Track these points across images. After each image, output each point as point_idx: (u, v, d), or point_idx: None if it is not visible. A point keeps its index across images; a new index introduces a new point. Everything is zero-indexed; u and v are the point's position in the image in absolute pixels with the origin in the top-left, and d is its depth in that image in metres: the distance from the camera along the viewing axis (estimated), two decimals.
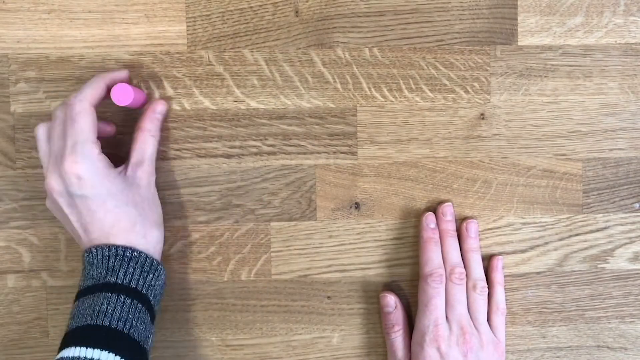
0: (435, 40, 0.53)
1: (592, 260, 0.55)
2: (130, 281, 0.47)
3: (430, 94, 0.54)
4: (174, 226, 0.53)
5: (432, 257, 0.52)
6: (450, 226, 0.53)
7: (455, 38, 0.53)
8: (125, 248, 0.47)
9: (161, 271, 0.49)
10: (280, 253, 0.54)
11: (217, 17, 0.53)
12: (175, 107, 0.53)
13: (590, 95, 0.54)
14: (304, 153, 0.53)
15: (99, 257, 0.47)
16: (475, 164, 0.54)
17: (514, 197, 0.54)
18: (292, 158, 0.53)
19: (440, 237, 0.53)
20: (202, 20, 0.53)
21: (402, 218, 0.54)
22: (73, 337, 0.45)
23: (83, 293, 0.47)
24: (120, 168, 0.49)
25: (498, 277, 0.53)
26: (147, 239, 0.49)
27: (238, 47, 0.53)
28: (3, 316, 0.53)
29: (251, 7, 0.53)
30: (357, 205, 0.54)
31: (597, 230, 0.55)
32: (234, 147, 0.53)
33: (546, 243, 0.54)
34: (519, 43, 0.54)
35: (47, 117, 0.52)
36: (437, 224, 0.53)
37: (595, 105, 0.54)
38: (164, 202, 0.53)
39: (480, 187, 0.54)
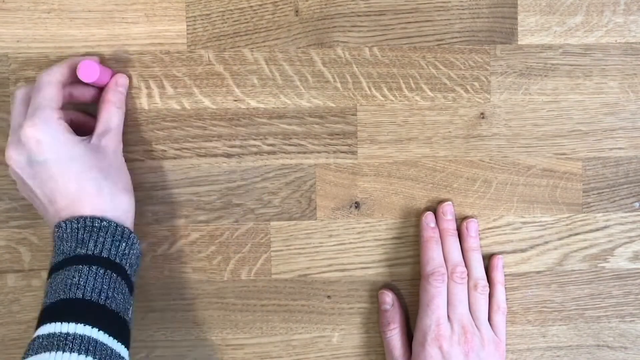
0: (435, 39, 0.53)
1: (592, 259, 0.55)
2: (102, 251, 0.45)
3: (430, 93, 0.54)
4: (174, 226, 0.53)
5: (434, 256, 0.52)
6: (450, 225, 0.53)
7: (456, 37, 0.53)
8: (93, 218, 0.46)
9: (134, 239, 0.47)
10: (280, 252, 0.54)
11: (217, 16, 0.53)
12: (175, 106, 0.53)
13: (590, 95, 0.54)
14: (304, 152, 0.53)
15: (68, 230, 0.45)
16: (475, 163, 0.54)
17: (514, 197, 0.54)
18: (292, 157, 0.53)
19: (441, 237, 0.53)
20: (202, 19, 0.53)
21: (402, 217, 0.54)
22: (47, 314, 0.43)
23: (54, 269, 0.45)
24: (84, 137, 0.48)
25: (498, 276, 0.53)
26: (116, 203, 0.47)
27: (238, 47, 0.53)
28: (3, 315, 0.53)
29: (251, 6, 0.53)
30: (357, 205, 0.54)
31: (597, 229, 0.55)
32: (234, 146, 0.53)
33: (546, 242, 0.54)
34: (519, 42, 0.54)
35: None
36: (437, 223, 0.53)
37: (596, 104, 0.54)
38: (164, 201, 0.53)
39: (480, 187, 0.54)
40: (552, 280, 0.55)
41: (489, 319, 0.53)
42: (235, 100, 0.53)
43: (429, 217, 0.53)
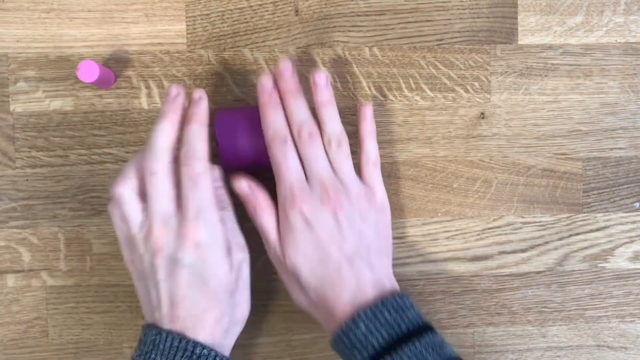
0: (435, 39, 0.53)
1: (592, 259, 0.55)
2: None
3: (430, 93, 0.54)
4: None
5: (272, 119, 0.46)
6: (290, 85, 0.47)
7: (455, 37, 0.53)
8: (195, 344, 0.42)
9: None
10: None
11: (216, 16, 0.53)
12: None
13: (590, 95, 0.54)
14: None
15: (167, 344, 0.42)
16: (475, 163, 0.54)
17: (514, 197, 0.54)
18: None
19: (282, 99, 0.47)
20: (202, 19, 0.53)
21: (402, 217, 0.54)
22: None
23: None
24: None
25: (367, 127, 0.49)
26: (229, 334, 0.45)
27: (238, 47, 0.53)
28: (3, 316, 0.53)
29: (251, 6, 0.53)
30: None
31: (598, 229, 0.55)
32: None
33: (546, 242, 0.54)
34: (519, 42, 0.54)
35: (47, 116, 0.52)
36: (277, 85, 0.48)
37: (596, 104, 0.54)
38: None
39: (480, 187, 0.54)
40: (552, 281, 0.55)
41: (361, 175, 0.48)
42: (236, 100, 0.53)
43: (263, 80, 0.47)
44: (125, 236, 0.46)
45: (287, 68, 0.47)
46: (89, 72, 0.48)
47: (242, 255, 0.46)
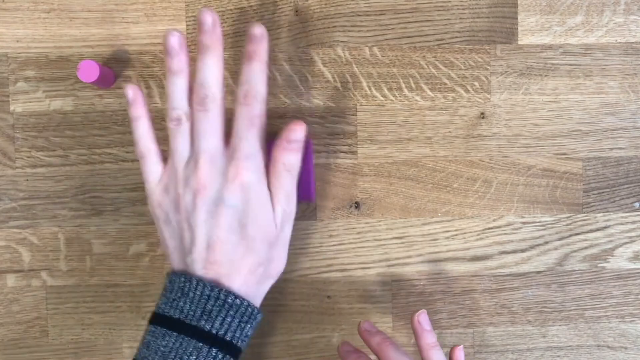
0: (436, 39, 0.53)
1: (592, 259, 0.55)
2: (227, 332, 0.41)
3: (430, 93, 0.54)
4: None
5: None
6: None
7: (456, 37, 0.53)
8: (227, 294, 0.41)
9: (259, 317, 0.44)
10: None
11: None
12: None
13: (590, 95, 0.54)
14: None
15: (197, 292, 0.41)
16: (476, 163, 0.54)
17: (514, 197, 0.54)
18: None
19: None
20: None
21: (402, 217, 0.54)
22: None
23: (166, 321, 0.41)
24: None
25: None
26: (260, 288, 0.44)
27: (238, 47, 0.53)
28: (3, 316, 0.53)
29: (251, 6, 0.53)
30: (357, 205, 0.54)
31: (598, 229, 0.55)
32: None
33: (546, 242, 0.54)
34: (519, 42, 0.54)
35: (47, 116, 0.52)
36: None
37: (596, 104, 0.54)
38: None
39: (480, 187, 0.54)
40: (552, 280, 0.55)
41: None
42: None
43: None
44: (158, 176, 0.44)
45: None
46: (89, 72, 0.48)
47: (287, 209, 0.45)
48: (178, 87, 0.43)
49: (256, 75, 0.43)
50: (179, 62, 0.43)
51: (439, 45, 0.53)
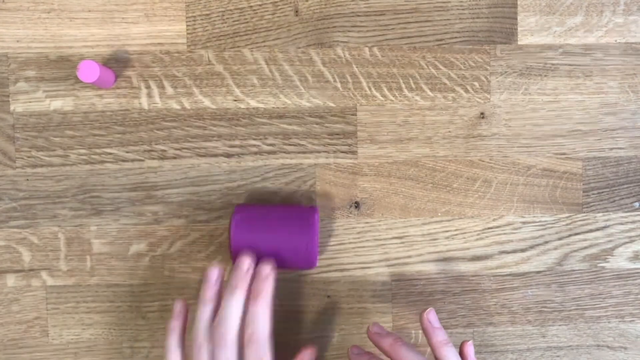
0: (435, 39, 0.53)
1: (592, 259, 0.55)
2: None
3: (430, 93, 0.54)
4: (174, 226, 0.53)
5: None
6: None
7: (455, 37, 0.53)
8: None
9: None
10: None
11: (216, 16, 0.53)
12: (175, 106, 0.53)
13: (590, 95, 0.54)
14: (304, 152, 0.53)
15: None
16: (475, 163, 0.54)
17: (514, 196, 0.54)
18: (292, 157, 0.53)
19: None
20: (202, 19, 0.53)
21: (402, 217, 0.54)
22: None
23: None
24: None
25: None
26: None
27: (238, 47, 0.53)
28: (3, 316, 0.53)
29: (251, 6, 0.53)
30: (357, 205, 0.54)
31: (597, 229, 0.55)
32: (234, 146, 0.53)
33: (546, 242, 0.54)
34: (519, 42, 0.54)
35: (47, 116, 0.52)
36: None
37: (595, 104, 0.54)
38: (164, 201, 0.53)
39: (480, 186, 0.54)
40: (552, 280, 0.55)
41: None
42: (235, 100, 0.53)
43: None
44: None
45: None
46: (89, 72, 0.48)
47: None
48: (205, 315, 0.47)
49: (261, 316, 0.47)
50: (211, 293, 0.48)
51: (438, 45, 0.54)
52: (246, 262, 0.48)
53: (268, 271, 0.48)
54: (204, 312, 0.48)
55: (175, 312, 0.49)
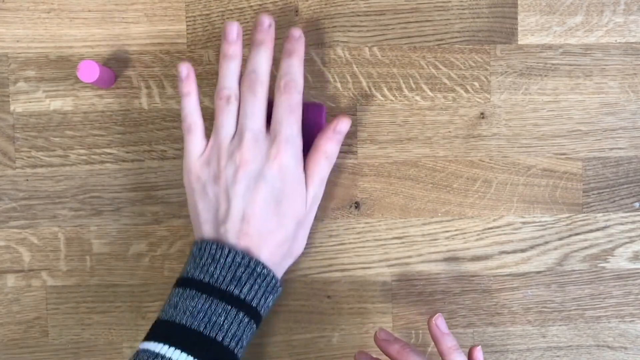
0: (435, 39, 0.53)
1: (592, 259, 0.55)
2: (253, 299, 0.45)
3: (430, 93, 0.54)
4: (173, 226, 0.53)
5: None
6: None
7: (456, 37, 0.53)
8: (257, 263, 0.45)
9: (280, 291, 0.48)
10: None
11: (216, 16, 0.53)
12: (175, 106, 0.53)
13: (590, 95, 0.54)
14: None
15: (229, 260, 0.45)
16: (475, 163, 0.54)
17: (514, 197, 0.54)
18: None
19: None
20: (202, 19, 0.53)
21: (402, 217, 0.54)
22: (179, 336, 0.42)
23: (195, 284, 0.44)
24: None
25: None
26: (284, 262, 0.48)
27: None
28: (3, 316, 0.53)
29: (251, 6, 0.53)
30: (357, 205, 0.54)
31: (597, 229, 0.55)
32: None
33: (546, 242, 0.54)
34: (519, 42, 0.54)
35: (47, 116, 0.52)
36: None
37: (596, 104, 0.54)
38: (164, 201, 0.53)
39: (480, 187, 0.54)
40: (552, 280, 0.55)
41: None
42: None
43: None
44: (200, 151, 0.47)
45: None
46: (89, 72, 0.48)
47: (319, 193, 0.49)
48: (231, 70, 0.48)
49: (295, 68, 0.48)
50: (235, 48, 0.48)
51: (439, 45, 0.53)
52: (266, 19, 0.48)
53: (299, 33, 0.48)
54: (230, 66, 0.47)
55: (183, 75, 0.48)
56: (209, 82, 0.53)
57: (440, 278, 0.54)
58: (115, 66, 0.53)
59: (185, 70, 0.48)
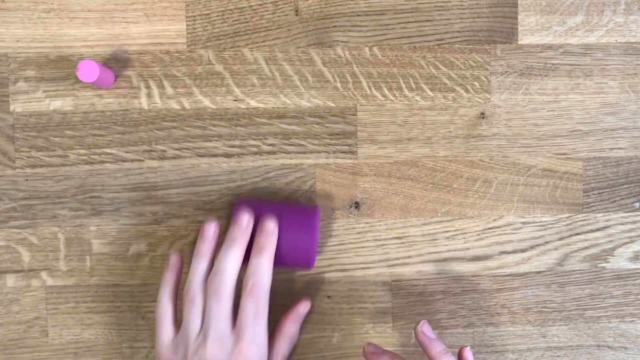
0: (436, 39, 0.53)
1: (592, 259, 0.55)
2: None
3: (430, 93, 0.54)
4: (173, 226, 0.53)
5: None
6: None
7: (456, 37, 0.53)
8: None
9: None
10: None
11: (216, 16, 0.53)
12: (175, 106, 0.53)
13: (590, 95, 0.54)
14: (304, 152, 0.53)
15: None
16: (476, 163, 0.54)
17: (514, 197, 0.54)
18: (292, 157, 0.53)
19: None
20: (202, 19, 0.53)
21: (402, 217, 0.54)
22: None
23: None
24: None
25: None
26: None
27: (238, 46, 0.53)
28: (2, 316, 0.53)
29: (251, 5, 0.53)
30: (357, 205, 0.54)
31: (598, 229, 0.55)
32: (234, 146, 0.53)
33: (546, 242, 0.54)
34: (520, 42, 0.54)
35: (47, 116, 0.52)
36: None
37: (596, 104, 0.54)
38: (164, 201, 0.53)
39: (480, 187, 0.54)
40: (552, 280, 0.55)
41: None
42: (235, 100, 0.53)
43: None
44: (170, 337, 0.48)
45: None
46: (89, 72, 0.48)
47: None
48: (199, 270, 0.48)
49: (264, 268, 0.48)
50: (208, 248, 0.48)
51: (439, 45, 0.53)
52: (245, 218, 0.48)
53: (272, 227, 0.48)
54: (199, 266, 0.48)
55: (170, 264, 0.49)
56: (208, 82, 0.53)
57: (440, 278, 0.54)
58: (115, 66, 0.53)
59: (174, 260, 0.49)
